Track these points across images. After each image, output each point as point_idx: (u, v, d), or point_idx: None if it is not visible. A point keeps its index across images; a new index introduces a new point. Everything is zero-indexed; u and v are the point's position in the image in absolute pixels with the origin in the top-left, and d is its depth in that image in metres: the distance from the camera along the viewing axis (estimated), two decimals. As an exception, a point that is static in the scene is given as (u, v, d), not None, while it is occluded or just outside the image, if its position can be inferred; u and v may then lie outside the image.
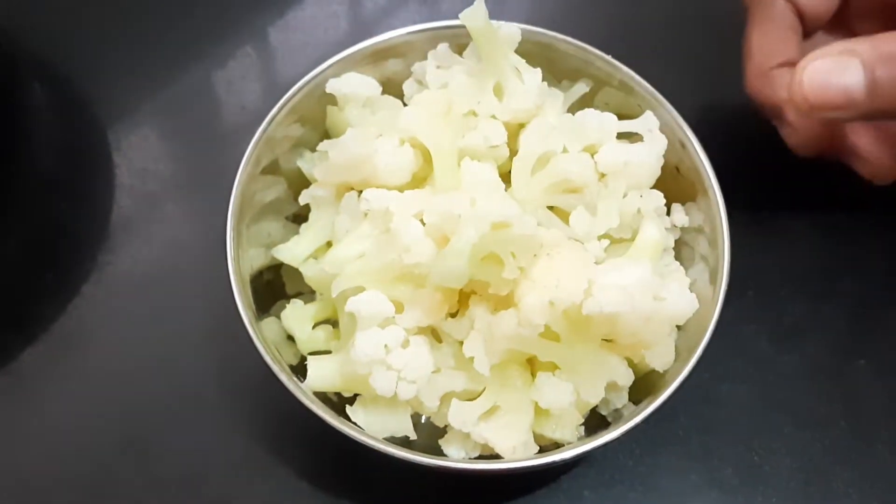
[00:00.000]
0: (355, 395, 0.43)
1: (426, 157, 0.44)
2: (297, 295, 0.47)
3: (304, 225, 0.47)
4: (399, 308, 0.41)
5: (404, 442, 0.42)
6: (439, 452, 0.43)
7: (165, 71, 0.61)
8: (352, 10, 0.65)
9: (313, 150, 0.48)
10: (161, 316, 0.52)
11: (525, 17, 0.52)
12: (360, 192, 0.44)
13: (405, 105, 0.48)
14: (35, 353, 0.51)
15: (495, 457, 0.41)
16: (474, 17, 0.44)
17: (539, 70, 0.46)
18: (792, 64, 0.46)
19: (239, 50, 0.62)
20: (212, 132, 0.59)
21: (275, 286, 0.47)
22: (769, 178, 0.56)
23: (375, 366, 0.39)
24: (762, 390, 0.50)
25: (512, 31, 0.45)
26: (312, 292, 0.46)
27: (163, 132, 0.59)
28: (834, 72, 0.41)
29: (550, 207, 0.44)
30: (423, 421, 0.44)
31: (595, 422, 0.43)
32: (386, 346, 0.39)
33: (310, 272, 0.45)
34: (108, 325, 0.52)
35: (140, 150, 0.58)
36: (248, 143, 0.46)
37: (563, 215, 0.44)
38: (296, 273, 0.46)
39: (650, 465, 0.47)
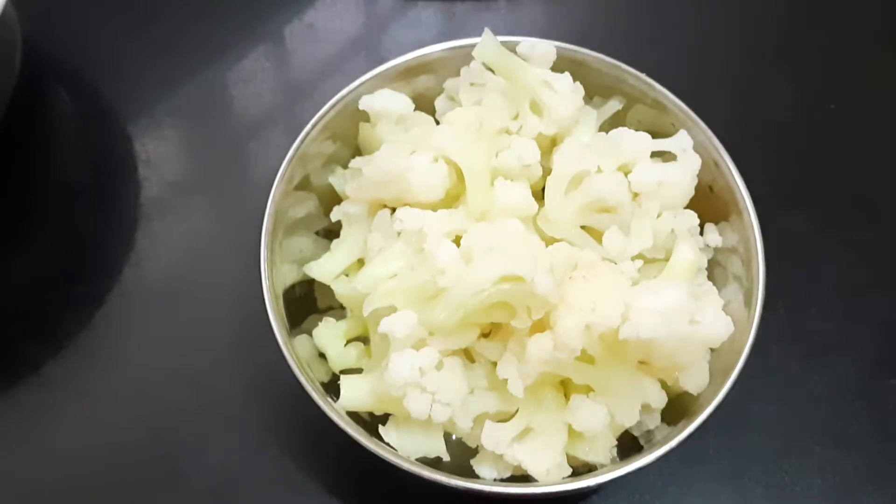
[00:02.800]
0: (387, 414, 0.43)
1: (459, 175, 0.44)
2: (329, 309, 0.47)
3: (335, 241, 0.47)
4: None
5: (435, 461, 0.42)
6: (470, 471, 0.43)
7: (190, 79, 0.61)
8: (367, 9, 0.65)
9: (345, 166, 0.48)
10: (189, 329, 0.52)
11: (539, 33, 0.51)
12: (393, 209, 0.44)
13: (437, 121, 0.48)
14: (62, 365, 0.51)
15: (527, 477, 0.41)
16: (487, 50, 0.45)
17: (567, 73, 0.46)
18: None
19: (262, 58, 0.62)
20: (239, 142, 0.59)
21: (307, 301, 0.47)
22: (799, 196, 0.56)
23: (410, 388, 0.39)
24: (792, 409, 0.50)
25: (547, 49, 0.45)
26: (343, 307, 0.46)
27: (190, 142, 0.59)
28: None
29: (584, 227, 0.44)
30: (453, 438, 0.43)
31: (627, 442, 0.43)
32: (420, 368, 0.39)
33: (341, 289, 0.45)
34: (135, 339, 0.52)
35: (167, 160, 0.58)
36: (276, 155, 0.46)
37: (597, 235, 0.44)
38: (327, 288, 0.46)
39: (681, 484, 0.47)
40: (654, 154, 0.45)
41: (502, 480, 0.42)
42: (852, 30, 0.64)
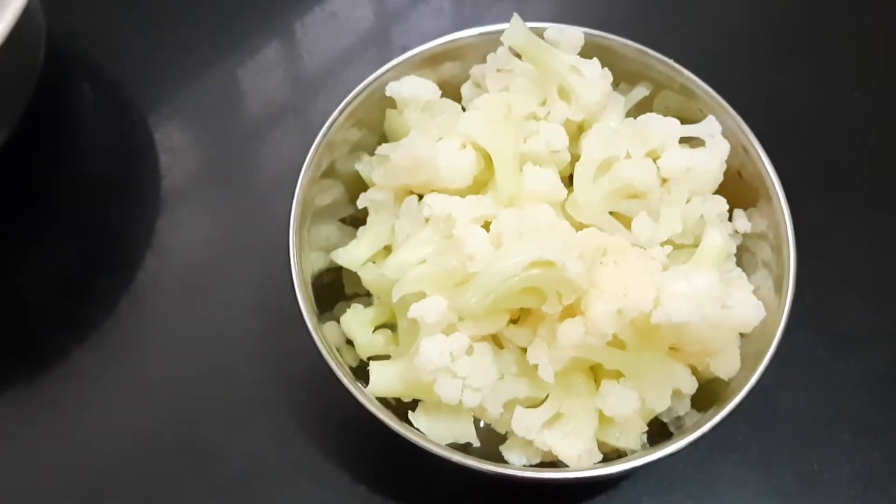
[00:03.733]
0: (414, 400, 0.43)
1: (487, 161, 0.44)
2: (355, 296, 0.47)
3: (361, 228, 0.47)
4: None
5: (464, 447, 0.42)
6: (498, 458, 0.43)
7: (212, 69, 0.61)
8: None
9: (371, 153, 0.48)
10: (215, 318, 0.52)
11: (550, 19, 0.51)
12: (420, 196, 0.44)
13: (463, 108, 0.48)
14: (88, 355, 0.51)
15: (555, 463, 0.41)
16: (516, 36, 0.44)
17: (596, 60, 0.46)
18: None
19: (283, 47, 0.62)
20: (261, 131, 0.59)
21: (334, 287, 0.47)
22: (825, 184, 0.55)
23: (440, 373, 0.39)
24: (820, 397, 0.50)
25: (575, 35, 0.45)
26: (370, 294, 0.46)
27: (212, 132, 0.59)
28: None
29: (612, 213, 0.44)
30: (481, 425, 0.43)
31: (656, 428, 0.43)
32: (451, 353, 0.39)
33: (368, 276, 0.45)
34: (160, 328, 0.52)
35: (190, 150, 0.58)
36: (299, 143, 0.46)
37: (626, 221, 0.44)
38: (354, 274, 0.46)
39: (709, 471, 0.47)
40: (683, 140, 0.45)
41: (532, 466, 0.42)
42: (877, 18, 0.63)
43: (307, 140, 0.46)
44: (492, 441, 0.43)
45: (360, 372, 0.43)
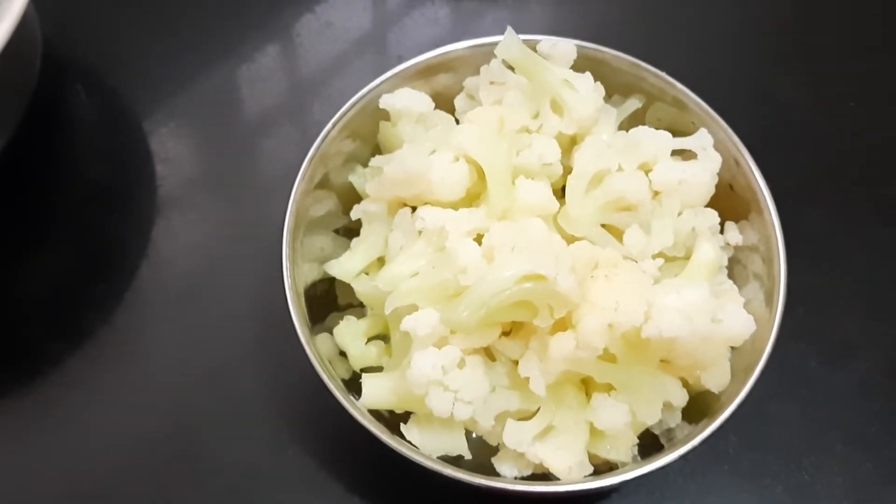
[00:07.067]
0: (407, 412, 0.43)
1: (480, 174, 0.44)
2: (348, 307, 0.47)
3: (355, 240, 0.47)
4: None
5: (456, 459, 0.42)
6: (490, 469, 0.43)
7: (207, 77, 0.61)
8: (374, 6, 0.65)
9: (365, 164, 0.48)
10: (208, 327, 0.52)
11: (546, 30, 0.51)
12: (413, 208, 0.44)
13: (456, 119, 0.48)
14: (83, 363, 0.51)
15: (547, 475, 0.41)
16: (509, 49, 0.45)
17: (588, 73, 0.46)
18: None
19: (278, 56, 0.62)
20: (256, 139, 0.59)
21: (327, 298, 0.47)
22: (819, 195, 0.55)
23: (432, 387, 0.39)
24: (812, 408, 0.50)
25: (568, 48, 0.45)
26: (363, 305, 0.46)
27: (208, 140, 0.60)
28: None
29: (604, 226, 0.44)
30: (473, 436, 0.43)
31: (647, 440, 0.43)
32: (443, 366, 0.39)
33: (362, 288, 0.45)
34: (155, 337, 0.52)
35: (185, 158, 0.58)
36: (293, 152, 0.46)
37: (617, 234, 0.44)
38: (347, 286, 0.46)
39: (700, 483, 0.47)
40: (675, 152, 0.45)
41: (523, 479, 0.42)
42: (872, 28, 0.64)
43: (302, 148, 0.46)
44: (483, 453, 0.43)
45: (353, 383, 0.43)
